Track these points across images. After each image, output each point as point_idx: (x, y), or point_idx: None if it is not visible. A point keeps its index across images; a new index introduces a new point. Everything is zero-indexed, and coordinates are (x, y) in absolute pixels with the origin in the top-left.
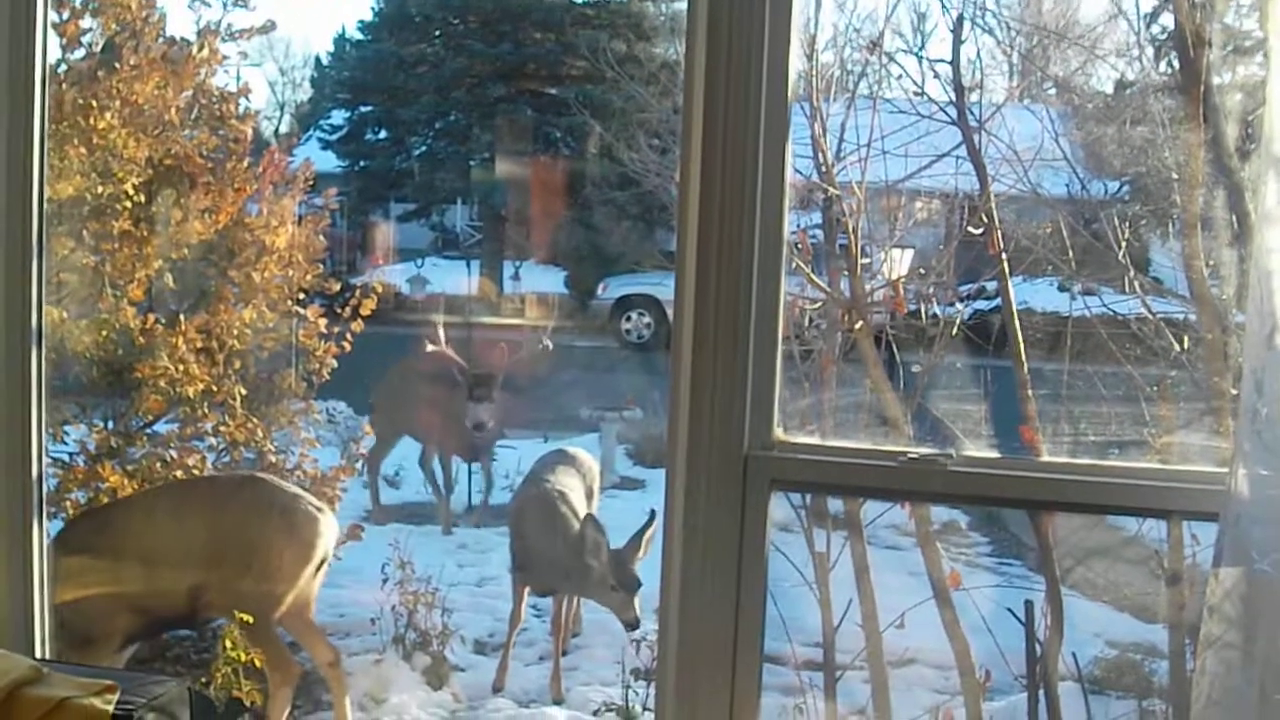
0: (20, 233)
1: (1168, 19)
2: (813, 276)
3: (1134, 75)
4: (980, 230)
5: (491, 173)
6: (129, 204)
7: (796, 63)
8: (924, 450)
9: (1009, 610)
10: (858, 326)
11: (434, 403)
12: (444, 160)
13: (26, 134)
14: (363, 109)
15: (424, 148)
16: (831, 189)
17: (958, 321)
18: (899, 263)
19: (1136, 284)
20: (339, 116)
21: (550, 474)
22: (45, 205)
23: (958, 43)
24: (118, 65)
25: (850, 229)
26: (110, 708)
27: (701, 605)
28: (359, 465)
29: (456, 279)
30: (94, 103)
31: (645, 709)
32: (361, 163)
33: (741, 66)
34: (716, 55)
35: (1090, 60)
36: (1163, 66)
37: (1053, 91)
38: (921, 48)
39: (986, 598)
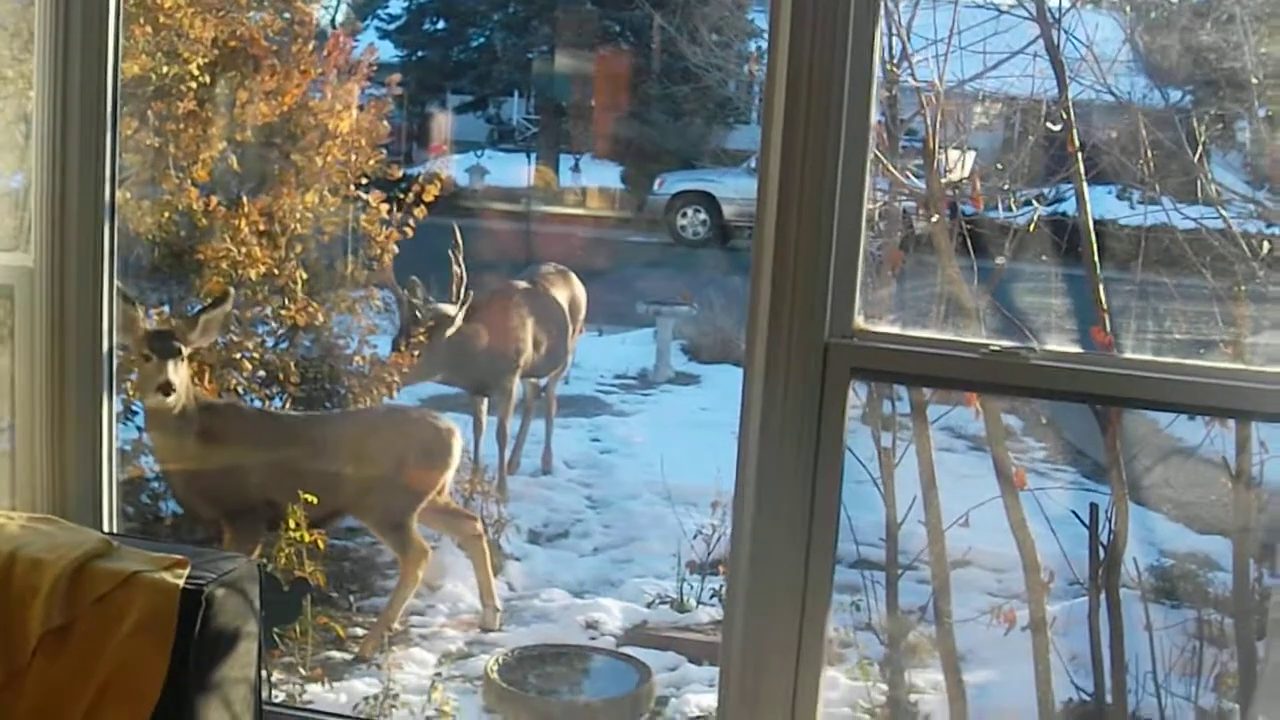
0: (95, 109)
1: None
2: (891, 167)
3: None
4: (1059, 127)
5: (550, 65)
6: (194, 85)
7: None
8: (1006, 343)
9: (1073, 513)
10: (934, 220)
11: None
12: (502, 52)
13: (102, 10)
14: None
15: (482, 39)
16: (896, 85)
17: (1035, 218)
18: (961, 163)
19: (1213, 188)
20: (397, 6)
21: None
22: (120, 83)
23: None
24: None
25: (929, 124)
26: (180, 582)
27: (777, 495)
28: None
29: (513, 171)
30: None
31: (699, 602)
32: (419, 53)
33: None
34: None
35: None
36: None
37: None
38: None
39: (1044, 501)
